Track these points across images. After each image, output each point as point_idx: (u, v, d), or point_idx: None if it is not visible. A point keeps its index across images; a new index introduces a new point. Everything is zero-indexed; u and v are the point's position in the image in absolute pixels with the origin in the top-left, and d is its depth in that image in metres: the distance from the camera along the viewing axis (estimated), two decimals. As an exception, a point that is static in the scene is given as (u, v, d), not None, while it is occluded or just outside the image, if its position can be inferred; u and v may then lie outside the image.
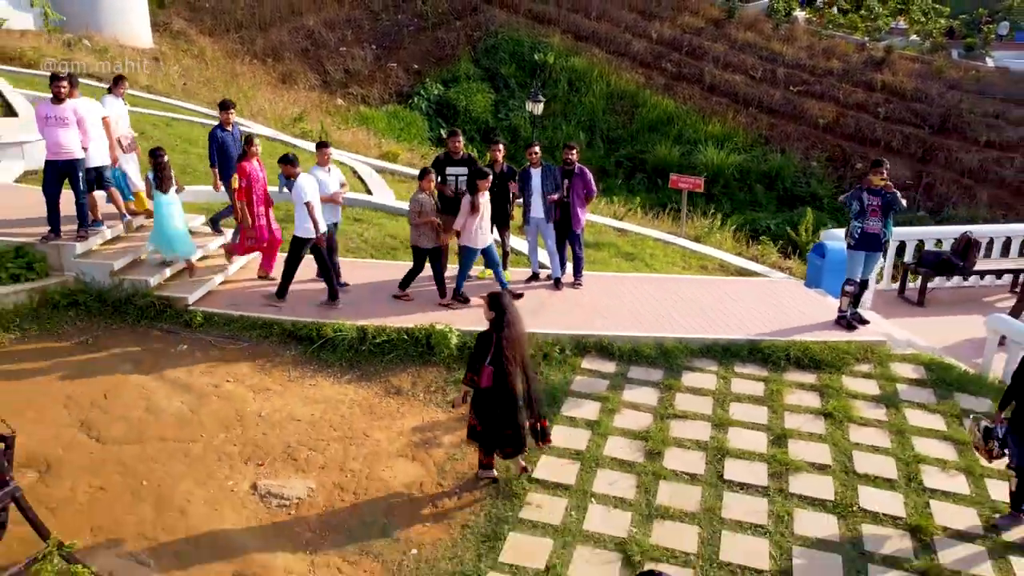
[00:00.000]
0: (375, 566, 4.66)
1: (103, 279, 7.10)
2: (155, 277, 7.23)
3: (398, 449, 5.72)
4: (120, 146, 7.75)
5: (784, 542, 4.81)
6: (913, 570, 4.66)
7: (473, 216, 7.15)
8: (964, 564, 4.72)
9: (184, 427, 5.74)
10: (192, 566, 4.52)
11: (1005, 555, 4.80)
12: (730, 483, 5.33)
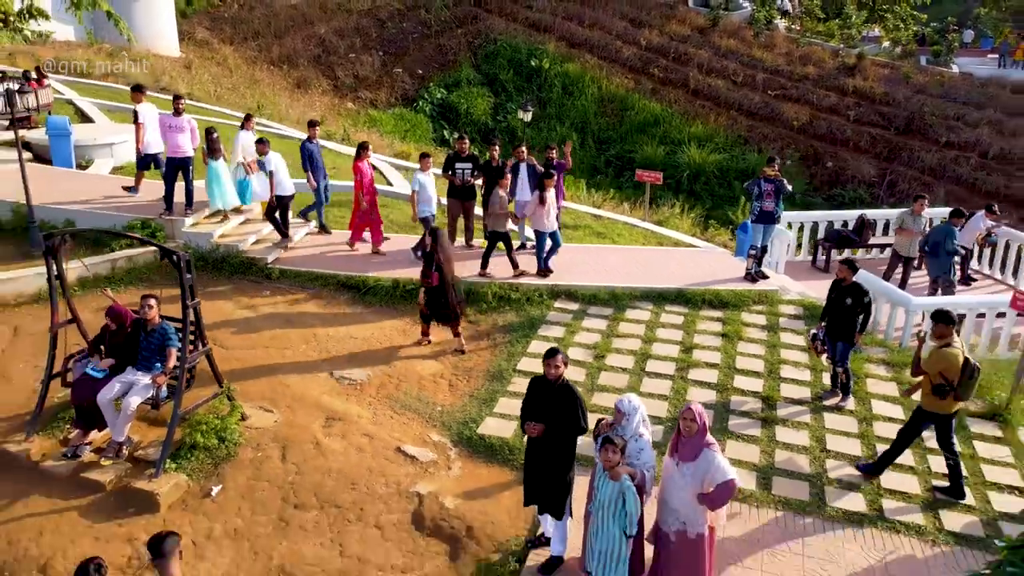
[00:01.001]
0: (414, 416, 7.51)
1: (205, 245, 9.96)
2: (244, 243, 10.10)
3: (424, 354, 8.58)
4: (247, 169, 10.60)
5: (679, 404, 7.64)
6: (758, 418, 7.51)
7: (541, 207, 9.81)
8: (791, 416, 7.57)
9: (277, 340, 8.60)
10: (298, 411, 7.37)
11: (820, 412, 7.65)
12: (649, 373, 8.18)
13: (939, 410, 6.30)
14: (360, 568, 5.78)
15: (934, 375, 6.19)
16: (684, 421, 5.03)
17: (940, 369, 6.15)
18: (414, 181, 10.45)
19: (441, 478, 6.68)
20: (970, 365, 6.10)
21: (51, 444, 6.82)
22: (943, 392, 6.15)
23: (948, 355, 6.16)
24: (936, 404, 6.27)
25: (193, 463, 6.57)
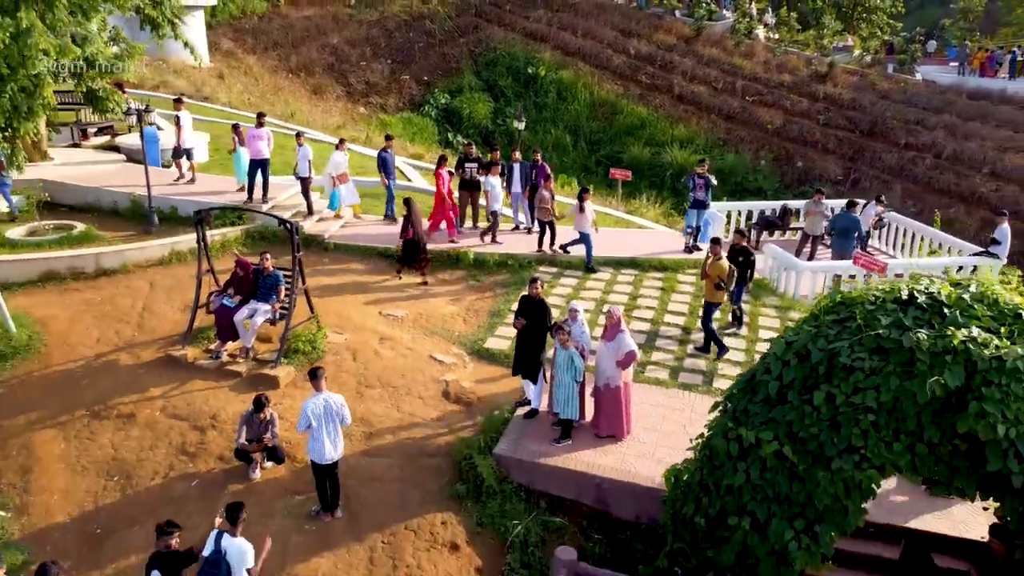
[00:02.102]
0: (440, 338, 11.27)
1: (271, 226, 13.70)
2: (307, 223, 13.85)
3: (446, 301, 12.35)
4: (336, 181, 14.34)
5: (623, 331, 11.37)
6: (677, 339, 11.25)
7: (581, 214, 13.32)
8: (701, 337, 11.29)
9: (338, 290, 12.35)
10: (360, 334, 11.11)
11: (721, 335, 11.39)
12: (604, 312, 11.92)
13: (714, 300, 10.66)
14: (411, 419, 9.53)
15: (713, 277, 10.43)
16: (608, 317, 8.79)
17: (717, 273, 10.34)
18: (485, 182, 14.14)
19: (459, 372, 10.44)
20: (732, 270, 10.43)
21: (198, 351, 10.57)
22: (720, 287, 10.47)
23: (720, 265, 10.49)
24: (713, 296, 10.63)
25: (296, 361, 10.33)
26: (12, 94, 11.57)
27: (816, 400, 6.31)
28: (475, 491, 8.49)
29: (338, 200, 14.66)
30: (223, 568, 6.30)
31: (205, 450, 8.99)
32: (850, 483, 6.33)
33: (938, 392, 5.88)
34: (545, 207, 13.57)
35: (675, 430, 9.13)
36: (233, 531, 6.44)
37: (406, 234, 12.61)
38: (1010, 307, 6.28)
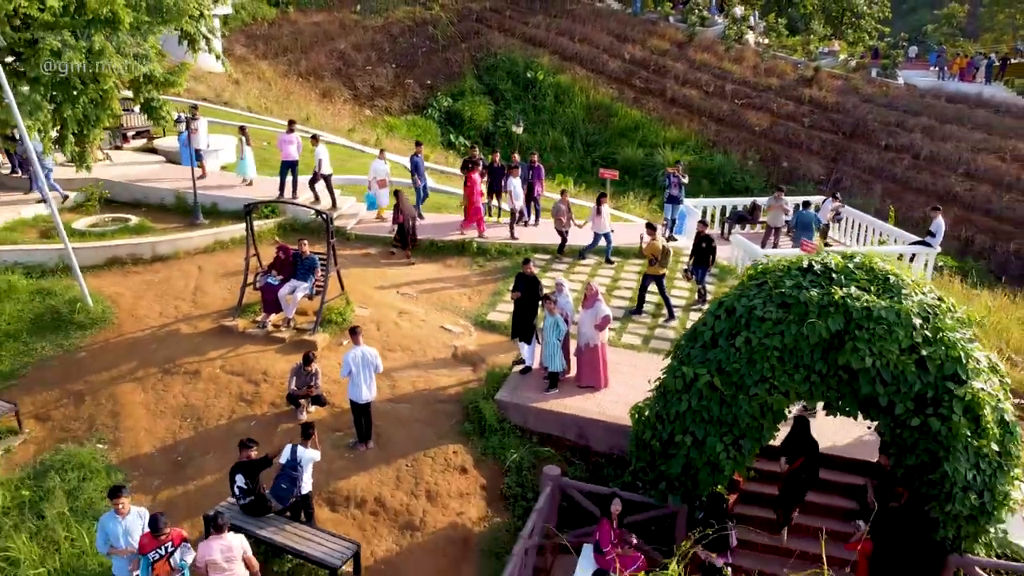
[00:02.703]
0: (449, 313, 13.55)
1: (306, 217, 15.95)
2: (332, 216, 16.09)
3: (453, 283, 14.64)
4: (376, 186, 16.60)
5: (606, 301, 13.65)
6: (651, 313, 13.52)
7: (599, 217, 15.44)
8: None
9: (361, 274, 14.61)
10: (381, 309, 13.38)
11: (687, 311, 13.65)
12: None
13: (652, 273, 13.09)
14: (427, 375, 11.80)
15: (650, 254, 12.82)
16: (587, 289, 11.07)
17: (650, 252, 12.83)
18: (508, 183, 16.40)
19: (466, 339, 12.72)
20: (666, 249, 12.84)
21: (247, 322, 12.84)
22: (654, 263, 12.94)
23: (653, 245, 12.98)
24: (650, 270, 13.10)
25: (330, 329, 12.60)
26: (84, 105, 13.84)
27: (738, 343, 8.56)
28: (480, 429, 10.76)
29: (376, 202, 16.95)
30: (298, 470, 8.58)
31: (259, 398, 11.26)
32: (764, 406, 8.58)
33: (824, 334, 8.13)
34: (561, 218, 15.72)
35: (643, 384, 11.28)
36: (305, 444, 8.72)
37: (397, 220, 15.28)
38: (881, 273, 8.54)
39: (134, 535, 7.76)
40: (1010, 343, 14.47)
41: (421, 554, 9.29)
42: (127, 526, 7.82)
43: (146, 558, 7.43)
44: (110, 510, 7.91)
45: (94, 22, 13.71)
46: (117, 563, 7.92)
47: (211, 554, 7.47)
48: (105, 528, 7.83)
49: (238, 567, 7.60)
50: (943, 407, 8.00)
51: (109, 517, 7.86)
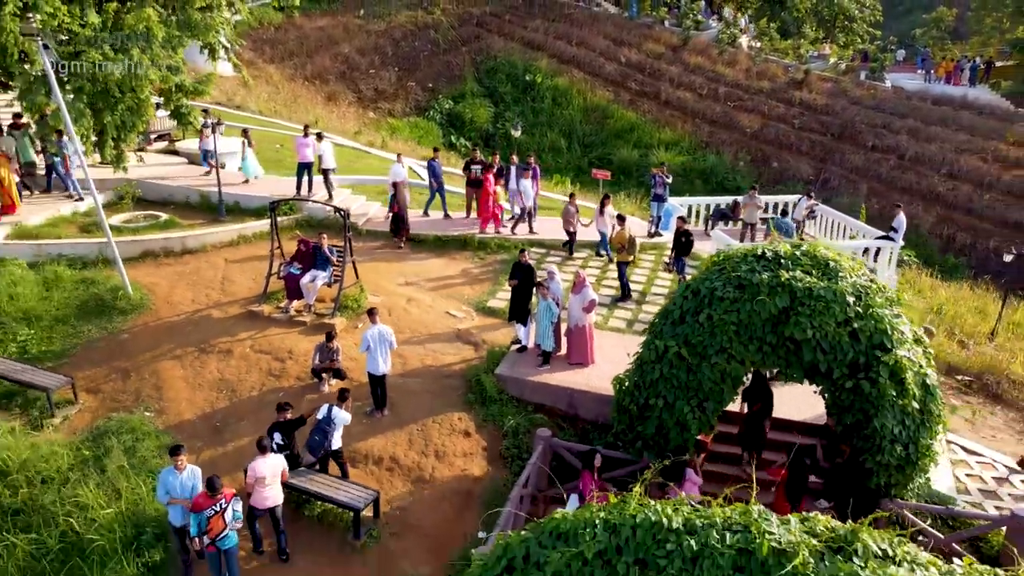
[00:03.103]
0: (453, 300, 15.19)
1: (322, 214, 17.59)
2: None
3: (456, 273, 16.28)
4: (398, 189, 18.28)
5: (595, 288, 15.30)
6: (636, 301, 15.15)
7: (601, 218, 17.06)
8: (653, 300, 15.19)
9: (372, 265, 16.25)
10: (392, 296, 15.02)
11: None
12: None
13: (621, 260, 14.78)
14: (434, 353, 13.43)
15: (618, 243, 14.61)
16: (576, 276, 12.71)
17: (619, 240, 14.54)
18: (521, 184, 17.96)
19: (468, 323, 14.36)
20: (632, 238, 14.57)
21: (272, 308, 14.47)
22: (621, 251, 14.69)
23: (621, 234, 14.75)
24: (619, 256, 14.80)
25: (346, 314, 14.24)
26: (122, 112, 15.49)
27: (701, 319, 10.18)
28: (481, 399, 12.39)
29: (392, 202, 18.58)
30: (331, 426, 10.23)
31: (286, 373, 12.90)
32: (724, 373, 10.20)
33: (772, 310, 9.76)
34: (571, 220, 17.28)
35: (626, 361, 12.94)
36: (340, 405, 10.36)
37: (393, 209, 17.18)
38: (822, 259, 10.17)
39: (189, 488, 9.36)
40: (963, 328, 16.09)
41: (430, 503, 10.91)
42: (183, 480, 9.42)
43: (202, 514, 8.96)
44: (169, 466, 9.51)
45: (131, 37, 15.36)
46: (173, 511, 9.53)
47: (260, 471, 9.40)
48: (165, 481, 9.42)
49: (277, 483, 9.65)
50: (872, 372, 9.63)
51: (168, 472, 9.47)
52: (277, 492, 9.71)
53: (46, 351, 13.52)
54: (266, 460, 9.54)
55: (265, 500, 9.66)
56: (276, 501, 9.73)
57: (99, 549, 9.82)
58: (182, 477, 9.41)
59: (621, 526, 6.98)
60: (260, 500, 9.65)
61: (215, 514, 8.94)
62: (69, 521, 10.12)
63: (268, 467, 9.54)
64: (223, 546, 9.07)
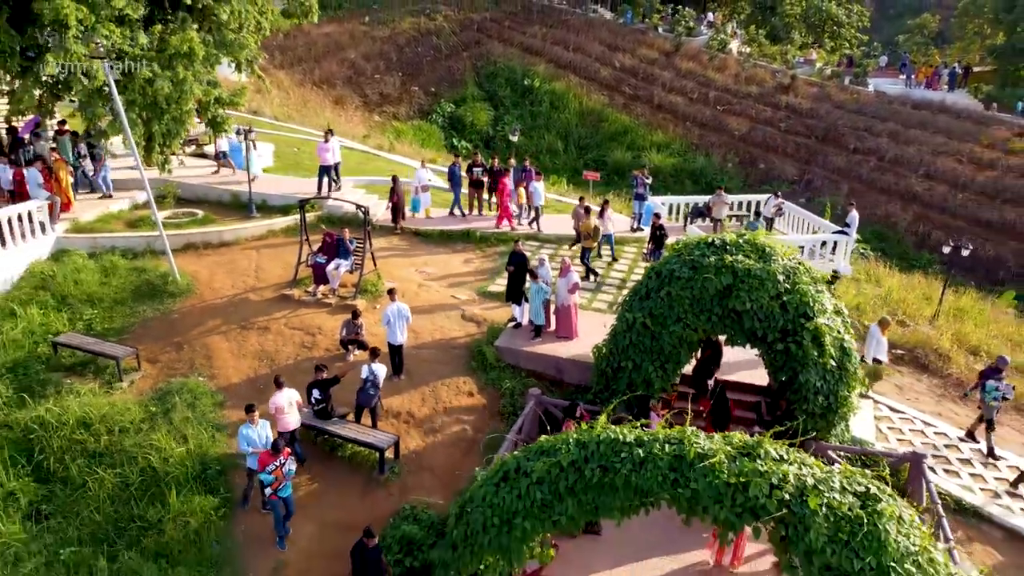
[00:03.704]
0: (459, 286, 17.83)
1: (339, 211, 20.20)
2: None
3: (461, 263, 18.93)
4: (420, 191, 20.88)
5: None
6: (615, 286, 17.77)
7: (602, 220, 19.62)
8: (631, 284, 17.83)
9: (386, 255, 18.88)
10: (406, 283, 17.65)
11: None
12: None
13: (586, 246, 17.64)
14: (442, 329, 16.06)
15: (584, 231, 17.43)
16: (562, 263, 15.35)
17: (586, 228, 17.33)
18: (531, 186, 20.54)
19: (472, 305, 16.99)
20: (596, 227, 17.35)
21: (301, 292, 17.11)
22: (587, 238, 17.62)
23: (587, 223, 17.51)
24: (585, 243, 17.65)
25: (366, 296, 16.87)
26: (168, 122, 18.12)
27: (662, 294, 12.78)
28: (483, 366, 15.01)
29: (420, 205, 21.20)
30: (376, 381, 12.83)
31: (316, 345, 15.52)
32: (680, 339, 12.81)
33: (718, 287, 12.35)
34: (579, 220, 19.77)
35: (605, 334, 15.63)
36: (375, 361, 12.95)
37: (392, 200, 19.89)
38: (760, 246, 12.76)
39: (263, 438, 11.90)
40: (906, 311, 18.70)
41: (441, 449, 13.52)
42: (258, 432, 11.97)
43: (266, 471, 11.44)
44: (246, 422, 12.04)
45: (176, 55, 17.99)
46: (251, 459, 12.03)
47: (279, 402, 12.32)
48: (245, 436, 11.95)
49: (294, 410, 12.54)
50: (798, 336, 12.24)
51: (246, 426, 12.02)
52: (295, 418, 12.63)
53: (108, 328, 16.13)
54: (282, 393, 12.42)
55: (288, 425, 12.55)
56: (295, 425, 12.71)
57: (173, 480, 12.43)
58: (256, 430, 11.96)
59: (589, 442, 9.66)
60: (284, 425, 12.50)
61: (276, 468, 11.43)
62: (147, 459, 12.74)
63: (284, 398, 12.42)
64: (283, 494, 11.59)
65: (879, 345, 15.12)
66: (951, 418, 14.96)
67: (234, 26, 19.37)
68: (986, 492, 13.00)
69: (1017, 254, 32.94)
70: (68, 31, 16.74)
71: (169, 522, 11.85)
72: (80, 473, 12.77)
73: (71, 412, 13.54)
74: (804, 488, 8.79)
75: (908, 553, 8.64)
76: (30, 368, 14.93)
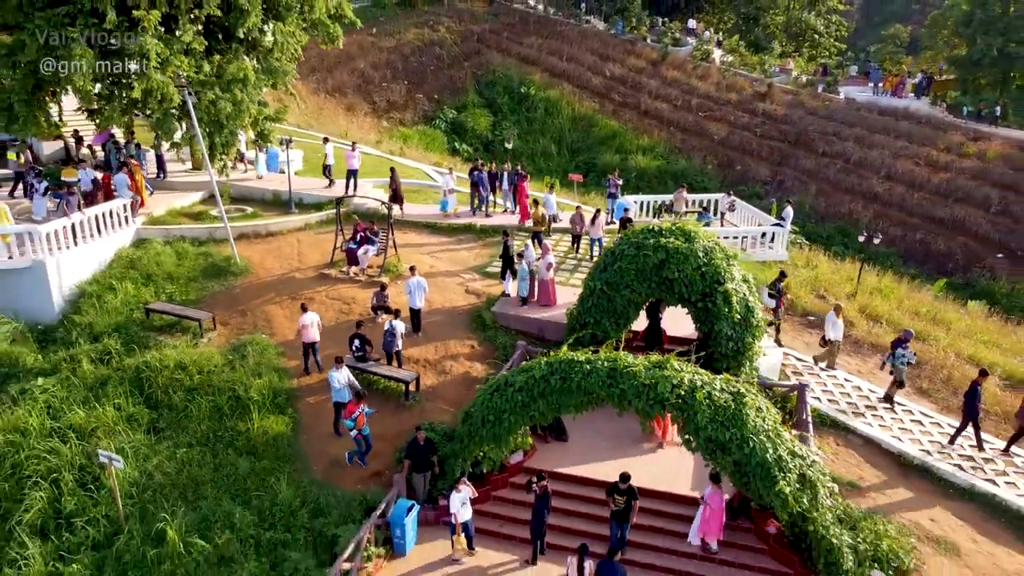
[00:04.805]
0: (463, 267, 23.07)
1: (362, 208, 25.42)
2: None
3: (465, 249, 24.18)
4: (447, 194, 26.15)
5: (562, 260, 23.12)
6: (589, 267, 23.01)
7: (592, 226, 24.80)
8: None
9: (403, 244, 24.12)
10: (420, 264, 22.87)
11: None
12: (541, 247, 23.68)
13: (536, 231, 23.14)
14: (451, 300, 21.34)
15: (535, 219, 23.05)
16: (543, 247, 20.59)
17: (536, 216, 23.15)
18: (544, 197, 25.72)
19: (473, 282, 22.25)
20: (545, 216, 23.20)
21: (336, 271, 22.36)
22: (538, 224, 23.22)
23: (537, 212, 23.13)
24: (535, 228, 22.99)
25: (389, 275, 22.10)
26: (227, 135, 23.34)
27: (615, 267, 17.96)
28: (482, 327, 20.22)
29: (448, 205, 26.36)
30: (394, 332, 18.03)
31: (352, 311, 20.72)
32: (629, 301, 17.99)
33: (655, 261, 17.54)
34: (576, 225, 24.86)
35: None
36: (396, 319, 18.18)
37: (392, 187, 25.07)
38: (687, 232, 17.93)
39: (345, 380, 16.96)
40: (828, 288, 23.88)
41: (449, 385, 18.69)
42: (341, 376, 17.04)
43: (351, 418, 16.51)
44: (334, 367, 17.13)
45: (233, 81, 23.23)
46: (337, 393, 17.07)
47: (305, 321, 18.01)
48: (332, 376, 17.04)
49: (315, 328, 18.20)
50: (713, 297, 17.40)
51: (333, 370, 17.11)
52: (315, 334, 18.31)
53: (186, 299, 21.34)
54: (307, 315, 18.24)
55: (310, 337, 18.39)
56: (315, 339, 18.47)
57: (254, 404, 17.60)
58: (339, 374, 17.04)
59: (554, 363, 14.91)
60: (308, 337, 18.37)
61: (358, 415, 16.48)
62: (233, 390, 17.92)
63: (308, 319, 18.26)
64: (365, 432, 16.66)
65: (834, 326, 19.69)
66: (843, 366, 20.12)
67: (277, 55, 24.60)
68: (857, 415, 18.14)
69: (964, 247, 38.13)
70: (149, 62, 21.99)
71: (254, 431, 17.03)
72: (182, 401, 17.97)
73: (169, 358, 18.76)
74: (694, 387, 14.00)
75: (762, 429, 13.88)
76: (130, 328, 20.13)
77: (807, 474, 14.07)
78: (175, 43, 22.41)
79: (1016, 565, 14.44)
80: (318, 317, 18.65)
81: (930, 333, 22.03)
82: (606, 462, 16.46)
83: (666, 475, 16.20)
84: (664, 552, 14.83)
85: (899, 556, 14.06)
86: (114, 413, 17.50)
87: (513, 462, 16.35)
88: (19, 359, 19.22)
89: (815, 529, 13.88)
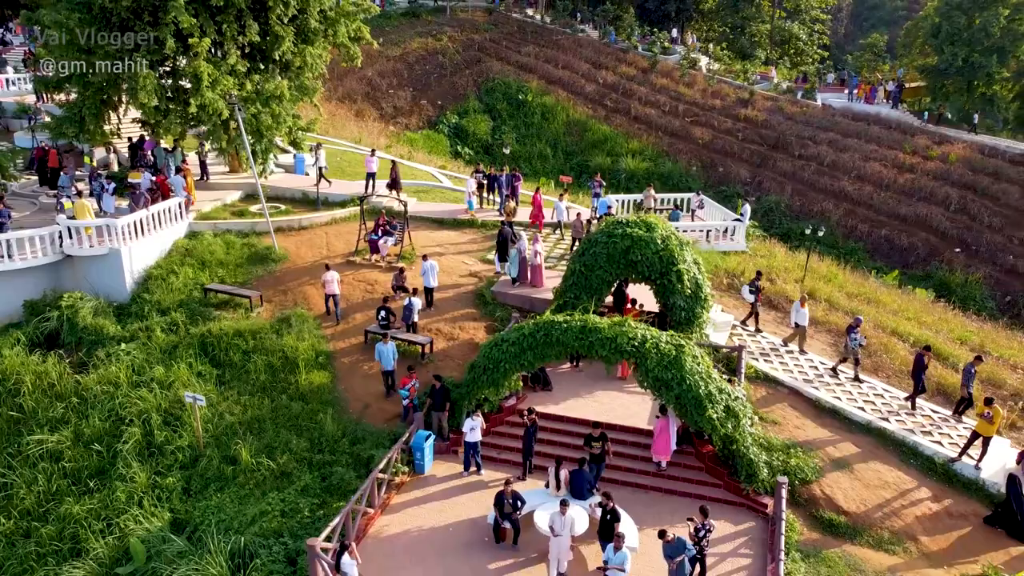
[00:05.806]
0: (466, 254, 28.34)
1: (379, 205, 30.66)
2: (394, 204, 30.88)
3: (468, 240, 29.44)
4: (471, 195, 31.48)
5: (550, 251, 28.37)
6: (575, 256, 28.31)
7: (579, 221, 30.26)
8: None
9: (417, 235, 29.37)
10: (431, 252, 28.14)
11: (596, 255, 28.40)
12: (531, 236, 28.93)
13: (507, 220, 28.18)
14: (457, 281, 26.62)
15: (507, 211, 28.19)
16: (533, 237, 25.85)
17: (507, 209, 28.69)
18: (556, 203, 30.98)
19: (476, 266, 27.54)
20: (514, 208, 28.65)
21: (361, 258, 27.64)
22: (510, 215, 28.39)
23: (508, 206, 29.08)
24: (507, 218, 28.14)
25: (406, 262, 27.36)
26: (266, 143, 28.60)
27: (591, 252, 23.17)
28: (483, 303, 25.48)
29: (473, 204, 31.53)
30: (412, 307, 23.29)
31: (374, 291, 25.97)
32: (602, 279, 23.20)
33: (622, 248, 22.77)
34: (578, 228, 29.99)
35: (564, 284, 26.03)
36: (412, 295, 23.44)
37: (391, 176, 30.48)
38: (648, 223, 23.15)
39: (391, 351, 22.09)
40: (778, 274, 29.10)
41: (457, 349, 23.89)
42: (387, 349, 22.18)
43: (405, 389, 21.64)
44: (380, 340, 22.30)
45: (271, 98, 28.50)
46: (385, 362, 22.25)
47: (328, 277, 23.85)
48: (380, 349, 22.19)
49: (335, 283, 24.03)
50: (669, 276, 22.60)
51: (380, 343, 22.29)
52: (335, 288, 23.88)
53: (235, 281, 26.58)
54: (329, 272, 23.83)
55: (332, 290, 24.04)
56: (336, 292, 23.99)
57: (302, 362, 22.81)
58: (386, 347, 22.15)
59: (540, 323, 20.19)
60: (330, 290, 23.92)
61: (411, 387, 21.61)
62: (282, 351, 23.12)
63: (330, 275, 23.85)
64: (416, 401, 21.78)
65: (799, 314, 24.68)
66: (781, 334, 25.32)
67: (308, 74, 29.86)
68: (788, 372, 23.31)
69: (925, 242, 43.32)
70: (202, 82, 27.26)
71: (301, 382, 22.24)
72: (241, 361, 23.18)
73: (228, 327, 24.01)
74: (646, 340, 19.18)
75: (697, 371, 19.09)
76: (191, 305, 25.37)
77: (731, 406, 19.25)
78: (223, 65, 27.69)
79: (893, 477, 19.60)
80: (338, 275, 24.21)
81: (861, 310, 27.22)
82: (582, 407, 21.63)
83: (627, 413, 21.38)
84: (624, 470, 20.01)
85: (803, 470, 19.25)
86: (187, 370, 22.73)
87: (507, 405, 21.54)
88: (103, 329, 24.45)
89: (738, 448, 19.06)
